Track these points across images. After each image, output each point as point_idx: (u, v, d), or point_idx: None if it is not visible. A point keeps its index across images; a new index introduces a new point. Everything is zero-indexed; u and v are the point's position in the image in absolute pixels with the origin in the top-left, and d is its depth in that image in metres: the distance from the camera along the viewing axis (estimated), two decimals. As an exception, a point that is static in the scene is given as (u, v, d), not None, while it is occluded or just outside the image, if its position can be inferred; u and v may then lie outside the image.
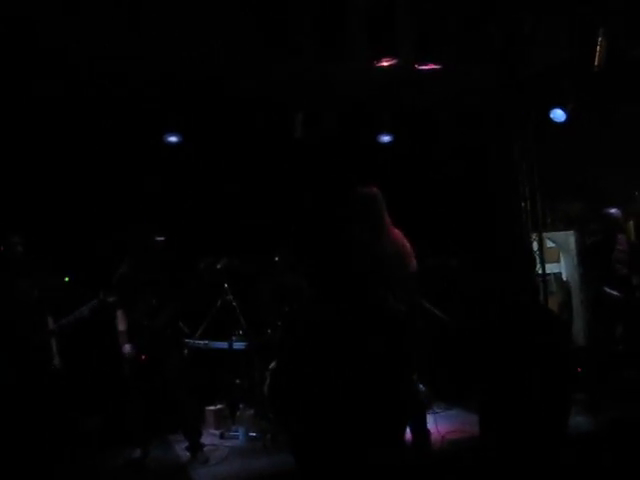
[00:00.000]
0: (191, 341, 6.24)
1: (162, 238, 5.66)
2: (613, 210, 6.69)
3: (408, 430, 4.84)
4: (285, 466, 5.15)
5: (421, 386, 5.59)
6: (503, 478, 3.28)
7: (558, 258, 8.06)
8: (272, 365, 5.92)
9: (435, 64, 5.49)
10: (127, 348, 5.45)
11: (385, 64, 5.32)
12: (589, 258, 7.07)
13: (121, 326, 5.50)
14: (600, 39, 5.68)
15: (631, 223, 7.31)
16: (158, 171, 6.82)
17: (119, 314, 5.53)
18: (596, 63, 5.74)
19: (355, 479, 2.81)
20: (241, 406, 6.24)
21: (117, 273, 5.60)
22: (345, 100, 6.98)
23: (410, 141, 7.57)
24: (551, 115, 6.92)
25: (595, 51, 5.73)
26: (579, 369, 4.94)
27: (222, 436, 6.18)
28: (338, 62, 5.22)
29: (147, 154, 6.75)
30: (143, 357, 5.45)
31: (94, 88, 6.10)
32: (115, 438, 5.80)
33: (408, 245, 5.00)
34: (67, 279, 5.63)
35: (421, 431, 5.09)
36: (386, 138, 7.33)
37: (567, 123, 6.92)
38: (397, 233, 5.00)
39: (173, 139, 6.65)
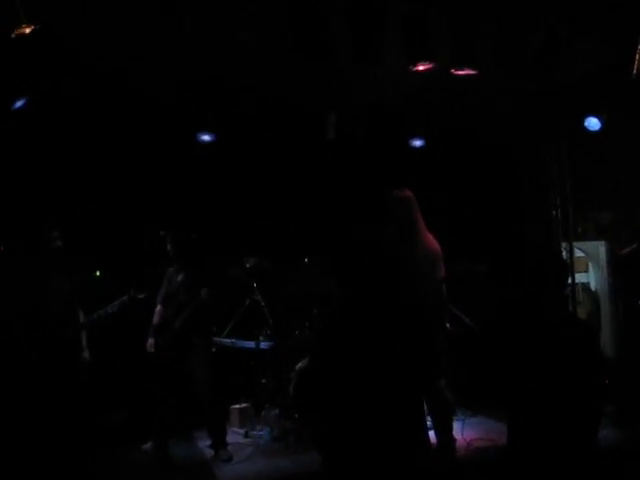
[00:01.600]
0: (218, 339, 6.28)
1: (194, 237, 5.73)
2: None
3: (433, 436, 4.84)
4: (309, 466, 5.17)
5: (448, 392, 5.55)
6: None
7: (586, 268, 7.98)
8: (298, 366, 5.94)
9: (471, 69, 5.47)
10: (149, 342, 5.60)
11: (421, 68, 5.31)
12: (622, 269, 6.98)
13: (155, 320, 5.63)
14: (639, 48, 5.61)
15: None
16: (191, 170, 6.87)
17: (156, 310, 5.72)
18: (634, 71, 5.67)
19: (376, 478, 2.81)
20: (266, 406, 6.26)
21: (167, 271, 5.73)
22: (379, 103, 6.97)
23: (441, 146, 7.54)
24: (585, 123, 6.85)
25: (633, 59, 5.66)
26: (607, 381, 4.88)
27: (246, 435, 6.20)
28: (374, 65, 5.21)
29: (181, 153, 6.80)
30: (162, 354, 5.52)
31: (131, 87, 6.16)
32: (140, 433, 5.85)
33: (439, 249, 5.00)
34: (98, 274, 5.70)
35: (447, 437, 5.07)
36: (418, 142, 7.31)
37: (601, 131, 6.85)
38: (430, 237, 5.00)
39: (206, 138, 6.68)
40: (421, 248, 4.88)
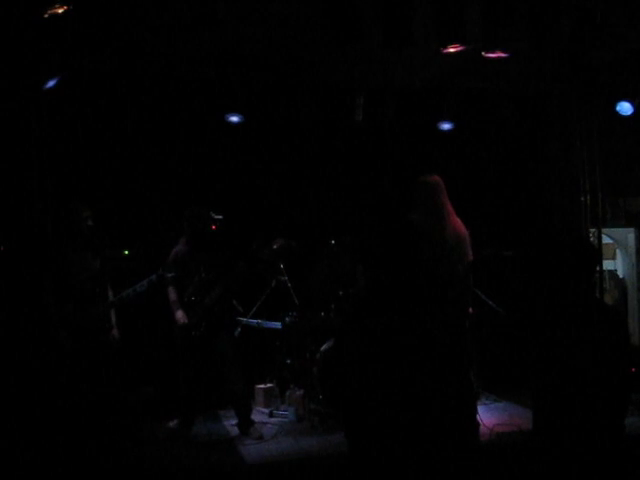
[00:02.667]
0: (244, 319, 6.33)
1: (220, 217, 5.74)
2: None
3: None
4: (334, 447, 5.22)
5: (471, 376, 5.56)
6: (555, 476, 3.26)
7: (614, 255, 7.89)
8: (324, 347, 5.97)
9: (502, 52, 5.41)
10: (179, 314, 5.60)
11: (452, 50, 5.26)
12: None
13: (172, 297, 5.66)
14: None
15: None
16: (220, 150, 6.89)
17: (170, 289, 5.67)
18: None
19: (405, 463, 2.82)
20: (291, 386, 6.31)
21: (172, 251, 5.72)
22: (409, 85, 6.93)
23: (471, 129, 7.48)
24: (617, 108, 6.74)
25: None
26: (634, 369, 4.85)
27: (271, 414, 6.26)
28: (404, 47, 5.16)
29: (209, 133, 6.82)
30: (194, 333, 5.56)
31: (159, 68, 6.19)
32: (166, 410, 5.93)
33: (467, 233, 5.01)
34: (127, 252, 5.75)
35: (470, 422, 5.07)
36: (447, 126, 7.25)
37: (633, 116, 6.74)
38: (458, 221, 5.01)
39: (234, 119, 6.69)
40: (449, 232, 4.89)
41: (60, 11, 4.58)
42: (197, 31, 5.16)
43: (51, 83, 5.47)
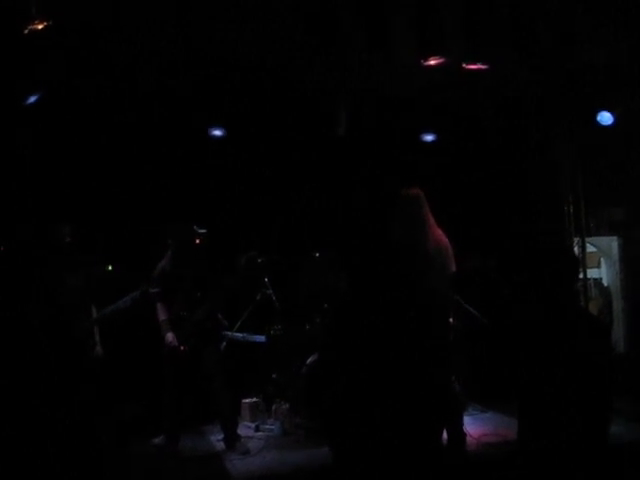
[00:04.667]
0: (229, 334, 6.30)
1: (204, 231, 5.73)
2: None
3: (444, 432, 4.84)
4: (320, 461, 5.17)
5: (457, 387, 5.56)
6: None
7: (598, 263, 7.95)
8: (309, 360, 5.96)
9: (483, 63, 5.45)
10: (170, 337, 5.54)
11: (433, 63, 5.30)
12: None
13: (162, 316, 5.60)
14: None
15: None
16: (202, 165, 6.89)
17: (158, 306, 5.63)
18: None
19: (390, 477, 2.81)
20: (277, 400, 6.27)
21: (158, 266, 5.69)
22: (390, 98, 6.96)
23: (452, 141, 7.52)
24: (598, 118, 6.81)
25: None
26: (619, 376, 4.87)
27: (257, 429, 6.22)
28: (385, 59, 5.20)
29: (192, 148, 6.81)
30: (182, 348, 5.53)
31: (140, 82, 6.18)
32: (151, 427, 5.88)
33: (449, 245, 5.02)
34: (110, 268, 5.72)
35: (457, 433, 5.08)
36: (429, 137, 7.29)
37: (614, 126, 6.80)
38: (440, 233, 5.03)
39: (217, 133, 6.69)
40: (431, 244, 4.91)
41: (40, 27, 4.57)
42: (177, 40, 5.18)
43: (32, 99, 5.45)
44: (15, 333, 5.20)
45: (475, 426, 5.89)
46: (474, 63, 5.44)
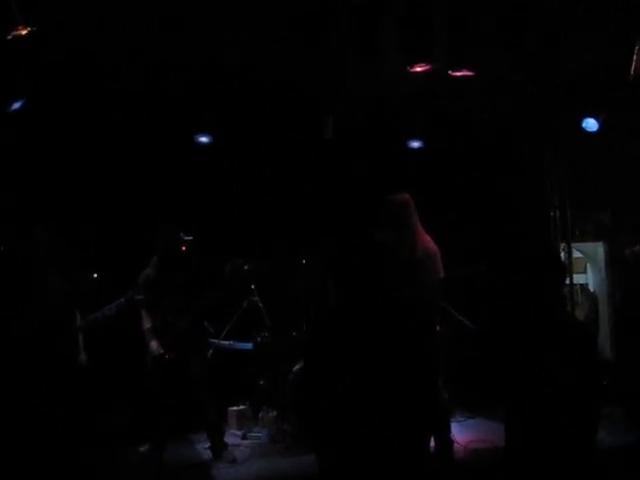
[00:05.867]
0: (216, 341, 6.27)
1: (190, 238, 5.70)
2: None
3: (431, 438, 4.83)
4: (307, 468, 5.14)
5: (445, 394, 5.55)
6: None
7: (584, 269, 7.98)
8: (296, 367, 5.93)
9: (469, 70, 5.47)
10: (154, 345, 5.49)
11: (419, 70, 5.31)
12: (623, 271, 6.94)
13: (147, 324, 5.56)
14: (637, 48, 5.61)
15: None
16: (189, 171, 6.87)
17: (143, 313, 5.58)
18: (632, 72, 5.67)
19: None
20: (264, 407, 6.25)
21: (143, 273, 5.66)
22: (377, 104, 6.98)
23: (440, 147, 7.54)
24: (583, 124, 6.84)
25: (631, 60, 5.66)
26: (605, 382, 4.88)
27: (244, 437, 6.20)
28: (372, 65, 5.20)
29: (178, 154, 6.79)
30: (167, 356, 5.49)
31: (127, 86, 6.16)
32: (138, 435, 5.84)
33: (437, 251, 5.02)
34: (95, 275, 5.68)
35: (444, 440, 5.07)
36: (416, 144, 7.31)
37: (599, 132, 6.85)
38: (428, 239, 5.02)
39: (204, 140, 6.67)
40: (419, 250, 4.90)
41: (24, 33, 4.54)
42: (164, 45, 5.17)
43: (16, 105, 5.41)
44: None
45: (462, 433, 5.89)
46: (460, 70, 5.45)
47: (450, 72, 5.49)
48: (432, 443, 4.85)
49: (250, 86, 6.43)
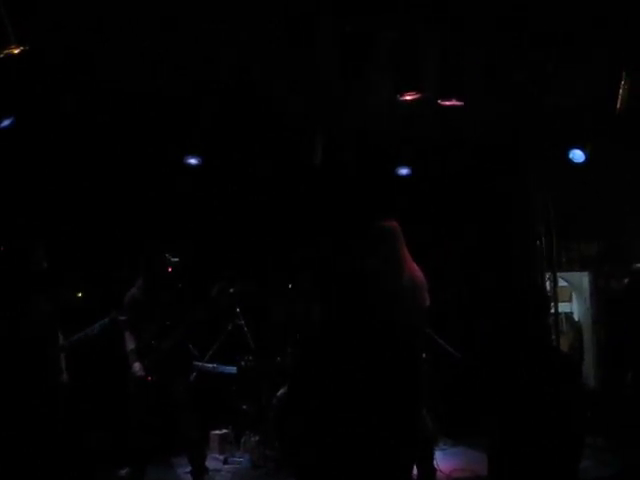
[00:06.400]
0: (199, 364, 6.23)
1: (176, 259, 5.68)
2: None
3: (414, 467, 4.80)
4: (288, 496, 5.13)
5: (430, 422, 5.53)
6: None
7: (570, 298, 8.02)
8: (280, 392, 5.90)
9: (458, 100, 5.52)
10: (136, 367, 5.44)
11: (408, 98, 5.36)
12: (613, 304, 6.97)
13: (130, 345, 5.51)
14: (623, 81, 5.69)
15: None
16: (177, 193, 6.87)
17: (127, 334, 5.54)
18: (618, 105, 5.74)
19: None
20: (246, 432, 6.20)
21: (128, 294, 5.63)
22: (366, 131, 7.02)
23: (426, 175, 7.59)
24: (570, 155, 6.91)
25: (617, 93, 5.74)
26: (589, 412, 4.89)
27: (226, 461, 6.14)
28: (361, 94, 5.25)
29: (167, 176, 6.80)
30: (150, 378, 5.44)
31: (118, 107, 6.17)
32: (118, 458, 5.76)
33: (424, 280, 5.02)
34: (80, 295, 5.64)
35: (427, 468, 5.03)
36: (404, 171, 7.35)
37: (585, 163, 6.92)
38: (415, 267, 5.02)
39: (192, 162, 6.68)
40: (405, 278, 4.90)
41: (16, 52, 4.55)
42: (154, 66, 5.19)
43: (6, 123, 5.41)
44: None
45: (446, 461, 5.86)
46: (449, 99, 5.50)
47: (439, 101, 5.55)
48: (415, 471, 4.82)
49: (239, 112, 6.46)
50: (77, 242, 6.38)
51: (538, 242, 7.78)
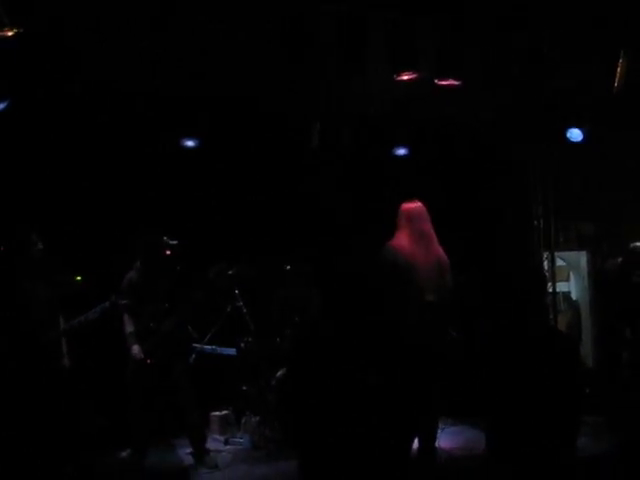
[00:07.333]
0: (199, 346, 6.25)
1: (174, 242, 5.68)
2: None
3: (415, 444, 4.84)
4: (289, 474, 5.16)
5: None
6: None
7: (568, 277, 8.05)
8: (280, 373, 5.93)
9: (454, 79, 5.51)
10: (136, 349, 5.46)
11: (405, 78, 5.35)
12: (604, 284, 6.98)
13: (129, 328, 5.53)
14: (621, 61, 5.68)
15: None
16: (175, 175, 6.85)
17: (126, 317, 5.56)
18: (615, 84, 5.73)
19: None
20: (247, 413, 6.22)
21: (126, 277, 5.63)
22: (364, 113, 7.00)
23: (424, 156, 7.57)
24: (568, 135, 6.91)
25: (615, 72, 5.72)
26: (587, 390, 4.92)
27: (226, 442, 6.18)
28: (359, 75, 5.23)
29: (164, 158, 6.78)
30: (149, 361, 5.46)
31: (113, 92, 6.14)
32: (119, 439, 5.80)
33: (448, 261, 5.06)
34: (79, 278, 5.64)
35: (429, 445, 5.04)
36: (402, 151, 7.34)
37: (583, 143, 6.91)
38: (440, 249, 5.06)
39: (190, 144, 6.66)
40: (433, 256, 4.95)
41: (10, 34, 4.52)
42: (151, 54, 5.16)
43: (0, 107, 5.38)
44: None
45: (445, 439, 5.89)
46: (446, 79, 5.49)
47: (436, 81, 5.53)
48: (415, 447, 4.84)
49: (237, 94, 6.43)
50: (76, 226, 6.37)
51: (536, 222, 7.80)
